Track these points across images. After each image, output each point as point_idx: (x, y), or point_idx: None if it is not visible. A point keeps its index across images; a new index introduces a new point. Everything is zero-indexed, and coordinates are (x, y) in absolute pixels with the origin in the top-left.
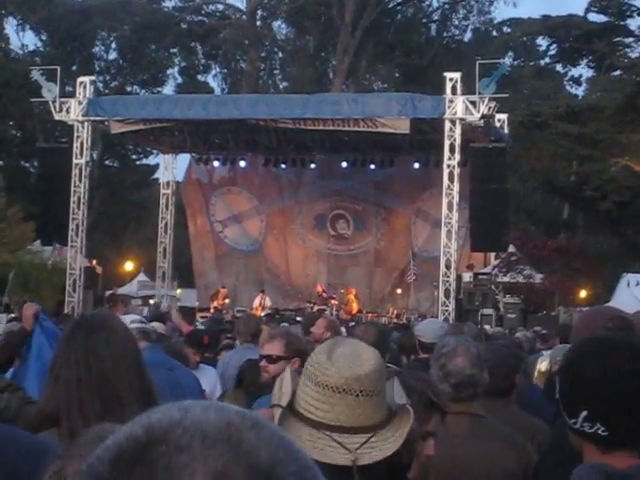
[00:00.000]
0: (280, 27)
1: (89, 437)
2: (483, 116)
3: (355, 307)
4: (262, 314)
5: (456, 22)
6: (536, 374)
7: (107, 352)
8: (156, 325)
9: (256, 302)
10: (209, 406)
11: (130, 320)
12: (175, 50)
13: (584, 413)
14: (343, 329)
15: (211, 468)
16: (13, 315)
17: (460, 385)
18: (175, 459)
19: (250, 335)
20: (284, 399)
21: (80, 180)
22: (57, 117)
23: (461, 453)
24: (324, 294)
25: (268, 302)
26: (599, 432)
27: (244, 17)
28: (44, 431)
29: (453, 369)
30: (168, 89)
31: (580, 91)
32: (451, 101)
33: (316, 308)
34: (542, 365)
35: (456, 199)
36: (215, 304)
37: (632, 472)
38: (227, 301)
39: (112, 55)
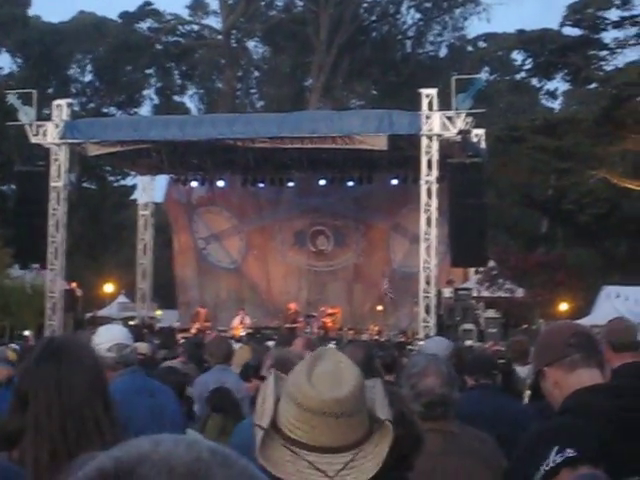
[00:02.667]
0: (256, 46)
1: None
2: (460, 131)
3: (337, 324)
4: (242, 333)
5: (431, 38)
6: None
7: (77, 382)
8: (141, 346)
9: (236, 321)
10: (181, 441)
11: (112, 338)
12: (151, 71)
13: (555, 449)
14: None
15: None
16: None
17: (431, 404)
18: None
19: (222, 357)
20: (265, 418)
21: (58, 203)
22: (34, 140)
23: (434, 470)
24: (296, 312)
25: (248, 321)
26: (569, 455)
27: (219, 37)
28: None
29: (424, 389)
30: (145, 110)
31: (556, 105)
32: (428, 117)
33: (287, 326)
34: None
35: (434, 215)
36: (197, 325)
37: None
38: (209, 324)
39: (88, 77)
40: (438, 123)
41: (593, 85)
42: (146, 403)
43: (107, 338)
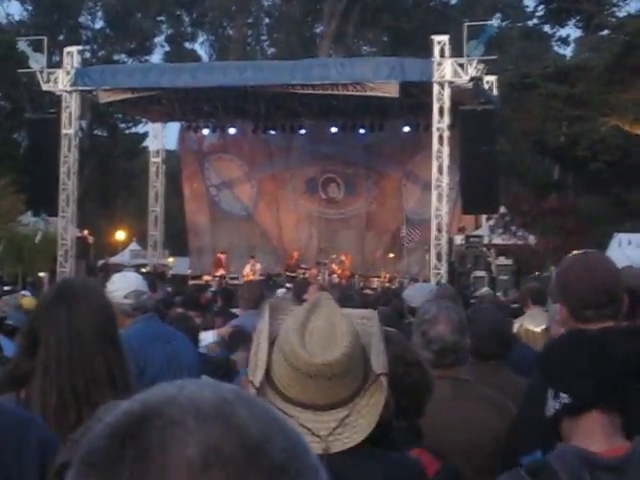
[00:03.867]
0: None
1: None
2: (472, 78)
3: (346, 271)
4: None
5: None
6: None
7: (87, 327)
8: None
9: (247, 269)
10: (205, 384)
11: (129, 285)
12: (162, 18)
13: (551, 393)
14: None
15: (203, 441)
16: (7, 288)
17: (442, 352)
18: (169, 433)
19: (254, 302)
20: (258, 375)
21: (69, 150)
22: (45, 87)
23: (444, 415)
24: (298, 260)
25: (258, 268)
26: (565, 402)
27: None
28: (6, 393)
29: (435, 336)
30: (155, 57)
31: (568, 51)
32: (439, 64)
33: (288, 274)
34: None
35: (446, 162)
36: (221, 271)
37: (616, 463)
38: (231, 269)
39: (99, 24)
40: (450, 70)
41: (605, 32)
42: (162, 349)
43: (123, 285)
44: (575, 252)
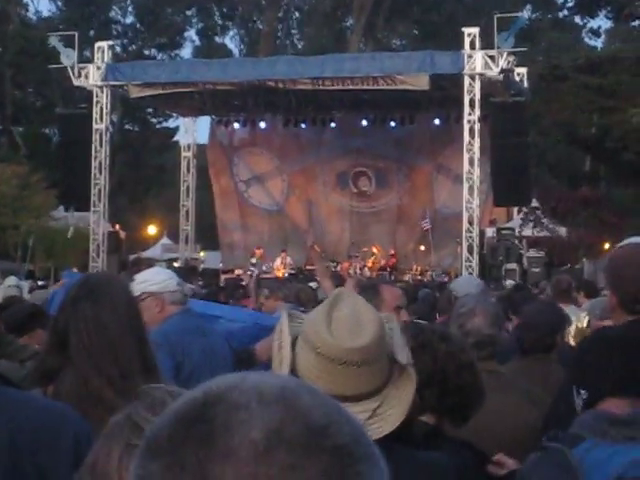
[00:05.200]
0: None
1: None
2: (502, 70)
3: (377, 264)
4: (285, 274)
5: None
6: (573, 332)
7: (112, 319)
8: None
9: (277, 262)
10: (266, 373)
11: (174, 276)
12: (191, 12)
13: (575, 390)
14: None
15: (267, 423)
16: (40, 283)
17: (478, 345)
18: (232, 416)
19: (293, 296)
20: (284, 366)
21: (101, 145)
22: (76, 83)
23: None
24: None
25: (289, 261)
26: (584, 398)
27: None
28: (33, 389)
29: (471, 329)
30: (186, 52)
31: (599, 42)
32: (470, 56)
33: (308, 267)
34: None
35: (477, 154)
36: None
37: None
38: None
39: (129, 19)
40: (480, 62)
41: (636, 22)
42: (200, 342)
43: (170, 275)
44: (630, 240)
